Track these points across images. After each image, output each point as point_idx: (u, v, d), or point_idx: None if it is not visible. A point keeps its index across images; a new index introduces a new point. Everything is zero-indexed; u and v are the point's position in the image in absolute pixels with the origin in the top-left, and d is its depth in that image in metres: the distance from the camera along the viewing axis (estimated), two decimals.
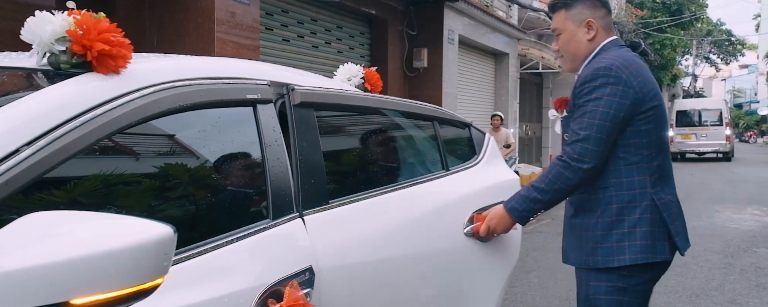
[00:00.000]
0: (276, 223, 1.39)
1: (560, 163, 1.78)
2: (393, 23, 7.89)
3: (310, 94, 1.60)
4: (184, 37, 5.25)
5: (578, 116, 1.77)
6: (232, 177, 1.40)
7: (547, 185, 1.80)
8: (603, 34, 1.89)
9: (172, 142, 1.32)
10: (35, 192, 0.96)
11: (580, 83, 1.80)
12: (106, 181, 1.14)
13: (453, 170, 2.05)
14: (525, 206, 1.84)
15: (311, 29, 6.92)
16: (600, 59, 1.83)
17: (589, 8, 1.89)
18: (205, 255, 1.19)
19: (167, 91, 1.21)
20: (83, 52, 1.10)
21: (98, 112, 1.07)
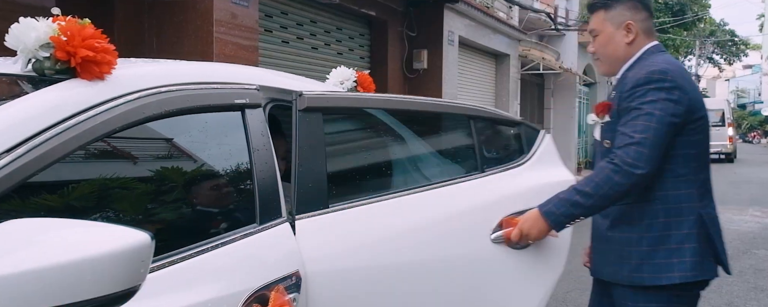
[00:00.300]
0: (263, 227, 1.39)
1: (610, 166, 1.65)
2: (393, 24, 7.90)
3: (317, 99, 1.60)
4: (183, 39, 5.26)
5: (631, 119, 1.66)
6: (218, 182, 1.40)
7: (593, 189, 1.66)
8: (643, 38, 1.81)
9: (159, 147, 1.33)
10: (17, 198, 0.97)
11: (631, 86, 1.70)
12: (91, 186, 1.15)
13: (490, 172, 1.90)
14: (563, 209, 1.69)
15: (311, 31, 6.92)
16: (651, 63, 1.74)
17: (630, 10, 1.80)
18: (190, 260, 1.20)
19: (152, 97, 1.22)
20: (67, 59, 1.10)
21: (81, 119, 1.08)
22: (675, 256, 1.69)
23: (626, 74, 1.79)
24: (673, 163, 1.70)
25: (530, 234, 1.75)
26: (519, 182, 1.92)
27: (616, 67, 1.83)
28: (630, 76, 1.75)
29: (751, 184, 11.43)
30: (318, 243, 1.47)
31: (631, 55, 1.81)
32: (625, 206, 1.74)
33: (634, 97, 1.68)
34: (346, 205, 1.56)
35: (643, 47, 1.81)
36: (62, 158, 1.04)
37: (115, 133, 1.13)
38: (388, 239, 1.58)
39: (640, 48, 1.80)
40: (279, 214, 1.45)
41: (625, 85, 1.73)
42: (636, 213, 1.72)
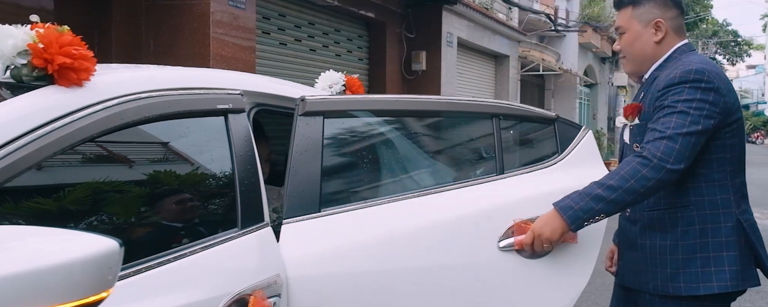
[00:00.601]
0: (244, 232, 1.40)
1: (638, 159, 1.54)
2: (391, 26, 7.91)
3: (318, 103, 1.60)
4: (179, 41, 5.28)
5: (663, 116, 1.57)
6: (200, 186, 1.41)
7: (617, 182, 1.53)
8: (673, 36, 1.71)
9: (140, 153, 1.33)
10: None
11: (665, 85, 1.61)
12: (70, 192, 1.16)
13: (511, 173, 1.70)
14: (582, 204, 1.52)
15: (309, 33, 6.94)
16: (686, 62, 1.65)
17: (660, 7, 1.70)
18: (168, 265, 1.20)
19: (131, 103, 1.23)
20: (45, 66, 1.11)
21: (58, 125, 1.09)
22: (713, 264, 1.61)
23: (657, 74, 1.71)
24: (707, 167, 1.62)
25: (543, 234, 1.55)
26: (544, 184, 1.68)
27: (644, 66, 1.75)
28: (662, 75, 1.66)
29: (752, 186, 11.36)
30: (304, 247, 1.47)
31: (660, 53, 1.72)
32: (657, 212, 1.66)
33: (667, 96, 1.60)
34: (340, 209, 1.53)
35: (673, 46, 1.72)
36: (38, 163, 1.05)
37: (92, 139, 1.14)
38: (380, 245, 1.53)
39: (670, 47, 1.72)
40: (261, 218, 1.46)
41: (658, 85, 1.65)
42: (669, 220, 1.64)
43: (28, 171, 1.03)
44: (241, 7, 5.55)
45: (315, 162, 1.55)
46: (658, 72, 1.72)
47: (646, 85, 1.75)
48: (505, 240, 1.56)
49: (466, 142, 1.78)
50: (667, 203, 1.65)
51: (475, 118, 1.75)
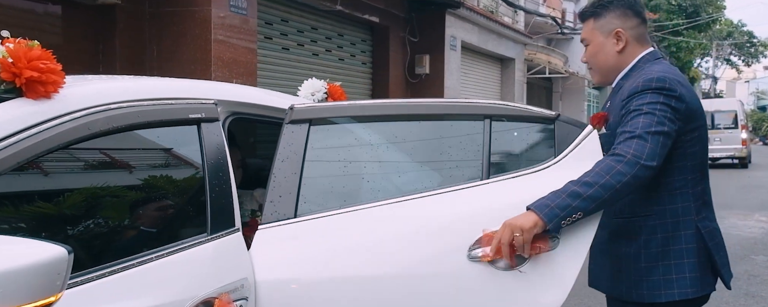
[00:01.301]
0: (213, 237, 1.44)
1: (612, 156, 1.53)
2: (395, 30, 7.96)
3: (305, 110, 1.63)
4: (182, 47, 5.37)
5: (630, 120, 1.59)
6: (170, 193, 1.46)
7: (593, 178, 1.48)
8: (635, 45, 1.76)
9: (111, 161, 1.38)
10: None
11: (628, 94, 1.64)
12: (39, 199, 1.21)
13: (497, 178, 1.58)
14: (558, 201, 1.45)
15: (311, 37, 7.01)
16: (648, 71, 1.68)
17: (619, 18, 1.75)
18: (137, 268, 1.25)
19: (100, 114, 1.28)
20: (13, 79, 1.16)
21: (23, 136, 1.14)
22: (674, 272, 1.64)
23: (622, 83, 1.74)
24: (669, 176, 1.64)
25: (515, 223, 1.44)
26: (527, 190, 1.54)
27: (610, 76, 1.79)
28: (626, 85, 1.69)
29: (763, 189, 11.25)
30: (275, 252, 1.51)
31: (624, 63, 1.76)
32: (622, 220, 1.69)
33: (631, 102, 1.62)
34: (316, 215, 1.54)
35: (637, 55, 1.76)
36: (4, 172, 1.10)
37: (59, 148, 1.19)
38: (350, 251, 1.53)
39: (633, 56, 1.76)
40: (232, 224, 1.50)
41: (622, 94, 1.68)
42: (633, 228, 1.67)
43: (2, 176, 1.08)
44: (243, 13, 5.62)
45: (295, 169, 1.58)
46: (623, 81, 1.75)
47: (612, 94, 1.77)
48: (475, 250, 1.49)
49: (452, 146, 1.70)
50: (631, 211, 1.67)
51: (465, 120, 1.69)
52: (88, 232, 1.27)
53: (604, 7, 1.77)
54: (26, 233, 1.14)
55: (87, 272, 1.15)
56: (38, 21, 4.70)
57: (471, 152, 1.63)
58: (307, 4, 6.72)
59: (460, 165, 1.66)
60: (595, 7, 1.79)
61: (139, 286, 1.25)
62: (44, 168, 1.22)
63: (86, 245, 1.24)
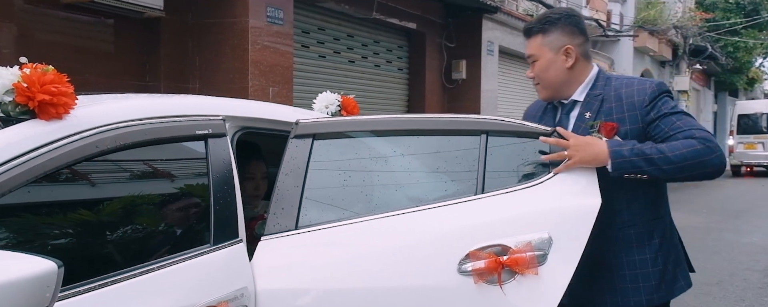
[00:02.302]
0: (216, 248, 1.52)
1: (699, 144, 1.58)
2: (431, 36, 7.97)
3: (309, 125, 1.70)
4: (221, 56, 5.56)
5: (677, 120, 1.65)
6: (175, 205, 1.54)
7: (676, 157, 1.56)
8: (584, 62, 1.81)
9: (120, 176, 1.48)
10: None
11: (650, 99, 1.69)
12: (51, 211, 1.31)
13: (491, 193, 1.60)
14: (634, 158, 1.55)
15: (348, 45, 7.10)
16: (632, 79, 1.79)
17: (568, 35, 1.79)
18: (139, 277, 1.33)
19: (108, 133, 1.37)
20: (27, 102, 1.27)
21: (35, 154, 1.24)
22: (678, 267, 1.78)
23: (598, 94, 1.77)
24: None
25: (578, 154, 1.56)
26: (521, 206, 1.58)
27: (561, 92, 1.82)
28: (623, 93, 1.73)
29: None
30: (274, 262, 1.58)
31: (575, 79, 1.80)
32: (635, 228, 1.72)
33: (659, 106, 1.68)
34: (316, 228, 1.60)
35: (588, 71, 1.81)
36: (17, 187, 1.20)
37: (69, 165, 1.29)
38: (346, 263, 1.58)
39: (584, 72, 1.80)
40: (235, 235, 1.58)
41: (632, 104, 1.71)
42: (646, 233, 1.71)
43: (12, 192, 1.18)
44: (279, 23, 5.77)
45: (297, 182, 1.65)
46: (596, 92, 1.78)
47: (588, 103, 1.79)
48: (465, 264, 1.51)
49: (449, 161, 1.73)
50: (645, 217, 1.73)
51: (462, 136, 1.71)
52: (92, 242, 1.36)
53: (552, 23, 1.79)
54: (34, 244, 1.24)
55: (89, 282, 1.24)
56: (94, 33, 4.98)
57: (467, 167, 1.65)
58: (344, 13, 6.82)
59: (456, 180, 1.68)
60: (542, 23, 1.81)
61: (142, 294, 1.33)
62: (55, 183, 1.32)
63: (90, 255, 1.34)
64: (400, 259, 1.55)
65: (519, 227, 1.52)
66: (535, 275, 1.46)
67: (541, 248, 1.47)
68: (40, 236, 1.27)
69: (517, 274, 1.47)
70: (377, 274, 1.55)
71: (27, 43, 4.47)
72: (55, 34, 4.65)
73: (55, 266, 0.96)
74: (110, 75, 5.13)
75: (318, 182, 1.68)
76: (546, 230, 1.49)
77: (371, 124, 1.79)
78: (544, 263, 1.48)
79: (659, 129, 1.65)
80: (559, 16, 1.81)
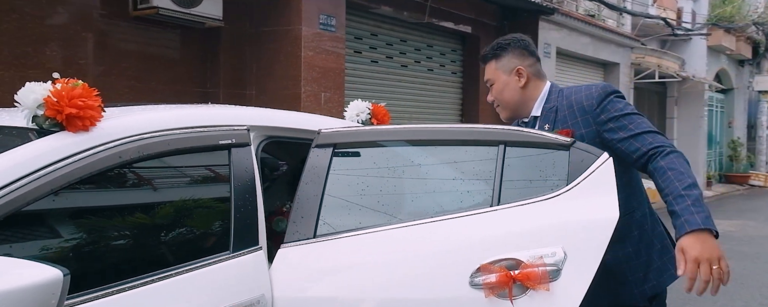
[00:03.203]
0: (235, 255, 1.57)
1: (674, 154, 1.65)
2: (486, 39, 7.86)
3: (330, 135, 1.74)
4: (276, 63, 5.71)
5: (629, 123, 1.73)
6: (197, 213, 1.60)
7: (691, 177, 1.60)
8: (536, 80, 1.95)
9: (144, 184, 1.55)
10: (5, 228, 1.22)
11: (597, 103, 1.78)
12: (78, 217, 1.39)
13: (507, 205, 1.58)
14: (706, 207, 1.55)
15: (400, 50, 7.12)
16: (578, 87, 1.89)
17: (518, 57, 1.95)
18: (157, 283, 1.39)
19: (131, 144, 1.44)
20: (55, 115, 1.36)
21: (62, 164, 1.32)
22: (665, 256, 1.78)
23: (552, 106, 1.89)
24: (629, 171, 1.78)
25: (712, 257, 1.45)
26: (536, 219, 1.55)
27: (519, 111, 1.96)
28: (573, 100, 1.84)
29: None
30: (292, 270, 1.61)
31: (529, 97, 1.93)
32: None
33: (607, 109, 1.77)
34: (333, 237, 1.62)
35: (541, 88, 1.94)
36: (44, 195, 1.28)
37: (93, 175, 1.37)
38: (362, 272, 1.58)
39: (537, 89, 1.94)
40: (255, 242, 1.62)
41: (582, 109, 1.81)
42: (625, 227, 1.69)
43: (39, 200, 1.27)
44: (332, 30, 5.87)
45: (317, 191, 1.68)
46: (550, 105, 1.90)
47: (546, 116, 1.90)
48: (476, 277, 1.49)
49: (465, 172, 1.73)
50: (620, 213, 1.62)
51: (479, 146, 1.71)
52: (115, 248, 1.44)
53: (502, 49, 1.96)
54: (59, 249, 1.32)
55: (113, 286, 1.31)
56: (160, 43, 5.27)
57: (483, 178, 1.64)
58: (397, 18, 6.85)
59: (472, 191, 1.68)
60: (494, 50, 1.98)
61: (160, 299, 1.39)
62: (80, 192, 1.40)
63: (113, 260, 1.41)
64: (413, 270, 1.55)
65: (532, 241, 1.49)
66: (547, 291, 1.41)
67: (554, 263, 1.42)
68: (65, 242, 1.35)
69: (529, 289, 1.43)
70: (390, 284, 1.55)
71: (101, 52, 4.80)
72: (125, 43, 4.95)
73: (60, 274, 1.02)
74: (174, 82, 5.39)
75: (336, 191, 1.70)
76: (560, 245, 1.44)
77: (391, 135, 1.79)
78: (558, 278, 1.43)
79: (611, 131, 1.75)
80: (508, 42, 1.97)
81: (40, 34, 4.40)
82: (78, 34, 4.64)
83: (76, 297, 1.22)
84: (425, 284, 1.53)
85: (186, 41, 5.48)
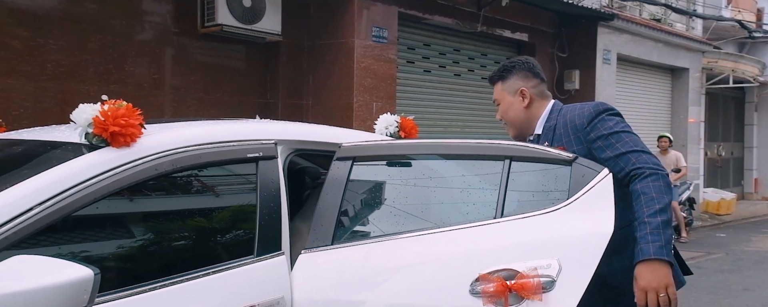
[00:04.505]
0: (258, 259, 1.72)
1: (649, 177, 1.67)
2: (542, 47, 7.79)
3: (350, 149, 1.87)
4: (331, 75, 5.93)
5: (616, 141, 1.78)
6: (225, 220, 1.76)
7: (660, 202, 1.63)
8: (538, 100, 2.04)
9: (177, 194, 1.73)
10: (58, 233, 1.42)
11: (588, 121, 1.84)
12: (118, 222, 1.59)
13: (509, 217, 1.64)
14: (664, 236, 1.59)
15: (454, 59, 7.18)
16: (575, 106, 1.94)
17: (522, 79, 2.05)
18: (187, 283, 1.56)
19: (166, 158, 1.62)
20: (101, 133, 1.55)
21: (107, 175, 1.51)
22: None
23: (552, 124, 1.96)
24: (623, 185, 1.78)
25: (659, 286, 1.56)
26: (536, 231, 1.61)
27: (524, 129, 2.05)
28: (566, 120, 1.91)
29: None
30: (310, 274, 1.75)
31: (533, 116, 2.02)
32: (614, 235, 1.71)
33: (597, 127, 1.82)
34: (348, 244, 1.75)
35: (544, 107, 2.02)
36: (89, 203, 1.48)
37: (131, 185, 1.55)
38: (369, 278, 1.69)
39: (541, 107, 2.03)
40: (278, 248, 1.76)
41: (572, 126, 1.87)
42: (622, 240, 1.71)
43: (85, 208, 1.46)
44: (384, 41, 6.03)
45: (336, 201, 1.81)
46: (551, 123, 1.97)
47: (546, 134, 1.97)
48: (475, 286, 1.55)
49: (472, 185, 1.82)
50: (618, 225, 1.66)
51: (486, 160, 1.80)
52: (151, 251, 1.62)
53: (508, 71, 2.07)
54: (101, 251, 1.51)
55: (145, 284, 1.49)
56: (227, 57, 5.65)
57: (489, 191, 1.72)
58: (450, 28, 6.92)
59: (477, 203, 1.75)
60: (501, 72, 2.10)
61: (187, 297, 1.55)
62: (121, 200, 1.59)
63: (150, 261, 1.59)
64: (417, 277, 1.64)
65: (530, 252, 1.54)
66: (541, 301, 1.46)
67: (548, 275, 1.47)
68: (107, 244, 1.54)
69: (524, 299, 1.49)
70: (396, 291, 1.65)
71: (174, 68, 5.22)
72: (194, 59, 5.34)
73: (91, 273, 1.19)
74: (238, 94, 5.73)
75: (353, 201, 1.83)
76: (556, 257, 1.50)
77: (405, 149, 1.90)
78: (552, 289, 1.48)
79: (599, 150, 1.80)
80: (514, 65, 2.08)
81: (121, 53, 4.82)
82: (153, 51, 5.05)
83: (110, 294, 1.40)
84: (430, 291, 1.63)
85: (248, 55, 5.80)
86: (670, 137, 7.99)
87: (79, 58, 4.60)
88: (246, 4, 5.27)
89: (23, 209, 1.35)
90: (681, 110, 9.88)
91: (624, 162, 1.75)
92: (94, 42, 4.66)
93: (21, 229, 1.32)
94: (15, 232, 1.31)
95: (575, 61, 7.78)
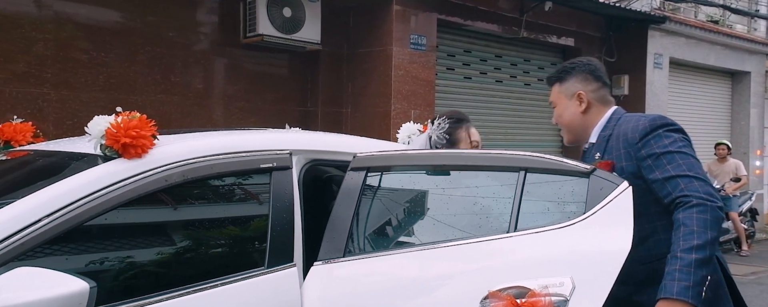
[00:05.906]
0: (269, 271, 1.70)
1: (698, 208, 1.54)
2: (589, 51, 7.54)
3: (364, 159, 1.84)
4: (370, 83, 5.93)
5: (668, 162, 1.64)
6: (236, 231, 1.76)
7: (700, 239, 1.49)
8: (598, 106, 1.90)
9: (187, 204, 1.73)
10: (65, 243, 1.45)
11: (641, 136, 1.71)
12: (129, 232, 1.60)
13: (522, 231, 1.58)
14: (693, 277, 1.47)
15: (495, 65, 7.05)
16: (635, 117, 1.80)
17: (581, 82, 1.92)
18: (195, 294, 1.56)
19: (177, 169, 1.63)
20: (113, 144, 1.58)
21: (118, 186, 1.53)
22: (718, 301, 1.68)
23: (608, 134, 1.83)
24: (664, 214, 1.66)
25: None
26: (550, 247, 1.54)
27: (579, 135, 1.93)
28: (619, 132, 1.78)
29: None
30: (323, 286, 1.72)
31: (589, 122, 1.89)
32: (650, 266, 1.65)
33: (650, 144, 1.69)
34: (360, 256, 1.72)
35: (605, 112, 1.88)
36: (100, 214, 1.50)
37: (142, 196, 1.57)
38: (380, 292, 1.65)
39: (598, 115, 1.89)
40: (290, 259, 1.74)
41: (625, 139, 1.75)
42: (659, 271, 1.58)
43: (95, 218, 1.48)
44: (422, 49, 5.98)
45: (349, 212, 1.78)
46: (606, 132, 1.84)
47: (599, 144, 1.85)
48: (485, 304, 1.49)
49: (486, 197, 1.75)
50: (658, 254, 1.61)
51: (501, 172, 1.72)
52: (161, 261, 1.62)
53: (567, 72, 1.94)
54: (110, 261, 1.53)
55: (151, 295, 1.50)
56: (268, 67, 5.77)
57: (503, 204, 1.64)
58: (491, 34, 6.81)
59: (490, 216, 1.69)
60: (559, 73, 1.97)
61: None
62: (131, 210, 1.60)
63: (159, 272, 1.59)
64: (427, 292, 1.59)
65: (543, 269, 1.47)
66: None
67: (560, 294, 1.39)
68: (115, 255, 1.55)
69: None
70: (408, 303, 1.60)
71: (217, 78, 5.35)
72: (237, 69, 5.47)
73: (86, 286, 1.20)
74: (278, 102, 5.82)
75: (366, 213, 1.79)
76: (569, 275, 1.42)
77: (419, 159, 1.85)
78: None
79: (648, 169, 1.67)
80: (574, 66, 1.95)
81: (167, 64, 4.98)
82: (198, 62, 5.20)
83: (118, 305, 1.41)
84: (442, 304, 1.57)
85: (289, 64, 5.88)
86: (728, 144, 7.58)
87: (130, 69, 4.77)
88: (286, 15, 5.35)
89: (31, 221, 1.38)
90: (742, 116, 9.37)
91: (672, 186, 1.60)
92: (143, 54, 4.83)
93: (28, 240, 1.35)
94: (22, 243, 1.34)
95: (624, 65, 7.50)
